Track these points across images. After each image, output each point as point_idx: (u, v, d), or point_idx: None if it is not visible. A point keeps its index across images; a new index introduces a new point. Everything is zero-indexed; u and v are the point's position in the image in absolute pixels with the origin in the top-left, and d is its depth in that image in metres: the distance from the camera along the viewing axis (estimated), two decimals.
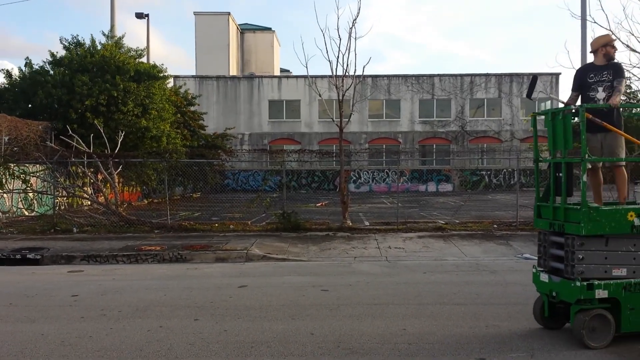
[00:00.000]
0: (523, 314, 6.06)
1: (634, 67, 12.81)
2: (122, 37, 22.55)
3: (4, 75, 20.99)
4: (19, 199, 16.71)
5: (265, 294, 7.23)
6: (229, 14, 43.58)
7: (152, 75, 21.29)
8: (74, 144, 15.04)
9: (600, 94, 5.93)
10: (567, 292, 4.92)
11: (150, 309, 6.50)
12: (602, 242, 4.89)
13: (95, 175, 15.65)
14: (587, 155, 5.00)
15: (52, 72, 20.40)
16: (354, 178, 34.78)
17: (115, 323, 5.88)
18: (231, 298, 6.99)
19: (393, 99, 38.71)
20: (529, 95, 5.93)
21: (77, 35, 22.14)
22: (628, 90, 30.66)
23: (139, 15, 30.86)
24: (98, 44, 21.59)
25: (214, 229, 13.86)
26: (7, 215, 16.09)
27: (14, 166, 15.17)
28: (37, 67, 20.93)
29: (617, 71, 6.00)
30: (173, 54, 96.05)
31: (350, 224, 14.26)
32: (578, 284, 4.78)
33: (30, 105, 20.36)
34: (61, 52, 21.31)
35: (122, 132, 17.24)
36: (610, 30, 11.56)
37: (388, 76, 38.90)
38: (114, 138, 16.71)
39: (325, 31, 19.92)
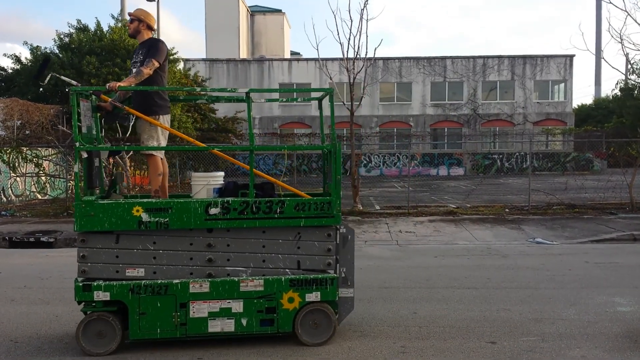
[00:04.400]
0: (534, 298, 6.03)
1: None
2: None
3: (12, 61, 21.04)
4: (32, 183, 16.88)
5: None
6: None
7: None
8: None
9: None
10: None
11: None
12: (112, 239, 4.40)
13: (107, 159, 15.71)
14: (78, 142, 4.42)
15: (60, 55, 20.37)
16: (365, 162, 34.71)
17: None
18: None
19: (404, 82, 38.36)
20: (36, 77, 5.26)
21: (80, 20, 21.89)
22: None
23: None
24: (106, 26, 21.49)
25: None
26: (21, 198, 16.28)
27: (27, 150, 15.30)
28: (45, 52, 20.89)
29: (150, 49, 5.19)
30: (189, 38, 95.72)
31: (361, 207, 14.25)
32: (76, 284, 4.37)
33: (40, 90, 20.42)
34: (67, 38, 21.24)
35: (133, 116, 17.19)
36: (626, 10, 11.34)
37: (399, 58, 38.49)
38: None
39: (336, 13, 19.46)
